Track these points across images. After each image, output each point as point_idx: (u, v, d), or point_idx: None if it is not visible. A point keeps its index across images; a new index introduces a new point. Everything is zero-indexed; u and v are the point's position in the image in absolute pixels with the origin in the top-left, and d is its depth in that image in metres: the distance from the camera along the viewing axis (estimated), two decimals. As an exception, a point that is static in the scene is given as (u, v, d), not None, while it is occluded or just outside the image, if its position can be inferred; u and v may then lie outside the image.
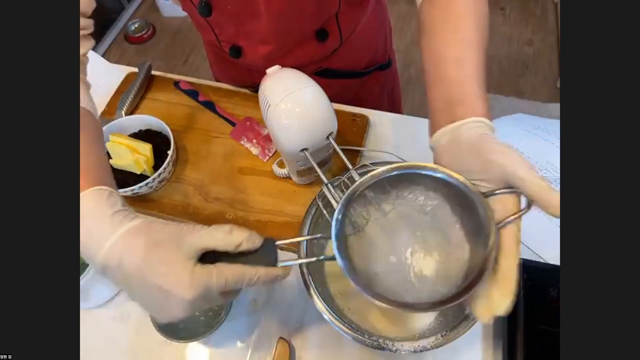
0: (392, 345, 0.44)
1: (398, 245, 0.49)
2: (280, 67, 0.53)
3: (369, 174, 0.43)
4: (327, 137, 0.51)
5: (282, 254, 0.59)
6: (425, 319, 0.51)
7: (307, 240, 0.50)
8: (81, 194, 0.36)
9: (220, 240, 0.36)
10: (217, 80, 0.85)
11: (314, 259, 0.43)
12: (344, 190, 0.52)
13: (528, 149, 0.66)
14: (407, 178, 0.48)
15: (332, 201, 0.48)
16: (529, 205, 0.36)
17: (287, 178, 0.65)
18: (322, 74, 0.72)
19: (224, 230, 0.36)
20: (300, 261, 0.42)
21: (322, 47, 0.68)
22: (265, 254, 0.38)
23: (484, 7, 0.47)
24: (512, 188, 0.37)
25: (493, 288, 0.36)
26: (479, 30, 0.45)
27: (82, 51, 0.48)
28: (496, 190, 0.38)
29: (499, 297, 0.36)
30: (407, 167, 0.44)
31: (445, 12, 0.47)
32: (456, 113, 0.42)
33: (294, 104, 0.48)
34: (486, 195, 0.39)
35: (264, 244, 0.38)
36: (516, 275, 0.36)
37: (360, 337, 0.44)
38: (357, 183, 0.43)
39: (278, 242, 0.39)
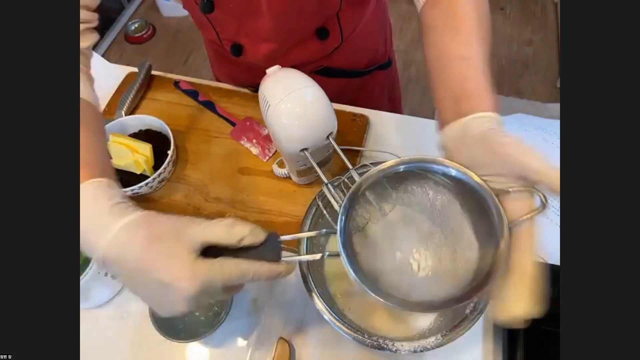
0: (392, 345, 0.44)
1: (404, 243, 0.48)
2: (280, 67, 0.53)
3: (375, 168, 0.42)
4: (327, 137, 0.51)
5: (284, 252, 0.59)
6: (425, 319, 0.51)
7: (307, 238, 0.50)
8: (80, 186, 0.35)
9: (222, 234, 0.35)
10: (218, 80, 0.85)
11: (318, 255, 0.42)
12: (344, 190, 0.52)
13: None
14: (416, 173, 0.48)
15: (332, 201, 0.48)
16: (544, 204, 0.36)
17: (287, 178, 0.65)
18: (322, 73, 0.72)
19: (226, 224, 0.35)
20: (303, 257, 0.42)
21: (323, 46, 0.68)
22: (268, 249, 0.37)
23: (485, 6, 0.47)
24: (525, 184, 0.37)
25: (509, 289, 0.35)
26: (482, 29, 0.45)
27: (85, 44, 0.47)
28: (509, 188, 0.38)
29: (515, 298, 0.35)
30: (417, 161, 0.43)
31: (448, 12, 0.47)
32: (463, 108, 0.41)
33: (294, 104, 0.48)
34: (498, 193, 0.39)
35: (268, 238, 0.37)
36: (533, 273, 0.35)
37: (360, 337, 0.44)
38: (363, 177, 0.41)
39: (282, 237, 0.38)
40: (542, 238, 0.55)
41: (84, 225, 0.34)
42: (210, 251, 0.35)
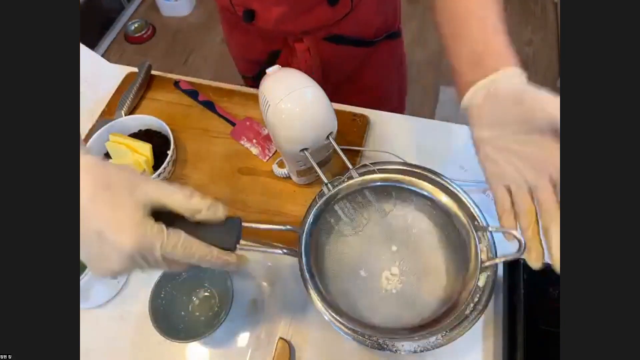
0: (392, 345, 0.44)
1: (374, 262, 0.50)
2: (280, 67, 0.53)
3: (350, 181, 0.43)
4: (327, 137, 0.51)
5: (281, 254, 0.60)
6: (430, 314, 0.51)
7: (306, 235, 0.50)
8: None
9: (178, 202, 0.33)
10: (231, 53, 0.87)
11: (278, 251, 0.42)
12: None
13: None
14: (397, 192, 0.48)
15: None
16: (521, 248, 0.38)
17: (287, 178, 0.65)
18: (331, 40, 0.73)
19: (183, 192, 0.33)
20: (261, 249, 0.39)
21: (333, 12, 0.68)
22: (226, 233, 0.34)
23: None
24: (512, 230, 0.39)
25: (552, 240, 0.36)
26: None
27: None
28: (489, 228, 0.39)
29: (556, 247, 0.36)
30: (396, 181, 0.44)
31: None
32: (487, 66, 0.39)
33: (294, 104, 0.48)
34: (478, 229, 0.39)
35: (228, 222, 0.34)
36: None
37: (360, 337, 0.44)
38: (335, 189, 0.43)
39: (245, 224, 0.36)
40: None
41: None
42: (162, 218, 0.32)
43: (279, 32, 0.52)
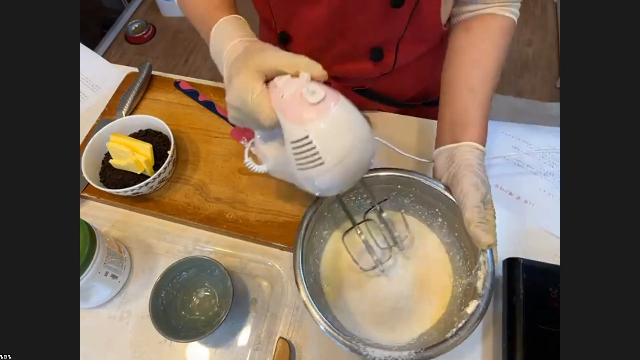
0: (364, 349, 0.43)
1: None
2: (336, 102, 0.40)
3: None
4: None
5: (281, 254, 0.59)
6: (421, 327, 0.50)
7: (305, 233, 0.50)
8: (224, 19, 0.51)
9: (283, 60, 0.40)
10: None
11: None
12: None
13: (527, 149, 0.66)
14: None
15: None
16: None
17: (287, 178, 0.65)
18: (363, 93, 0.71)
19: (288, 54, 0.40)
20: None
21: (373, 67, 0.64)
22: None
23: (506, 53, 0.56)
24: None
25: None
26: (497, 68, 0.54)
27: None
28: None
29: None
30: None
31: (476, 43, 0.55)
32: (456, 134, 0.50)
33: (349, 165, 0.40)
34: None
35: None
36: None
37: (354, 347, 0.44)
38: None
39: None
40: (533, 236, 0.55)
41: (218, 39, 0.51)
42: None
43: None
